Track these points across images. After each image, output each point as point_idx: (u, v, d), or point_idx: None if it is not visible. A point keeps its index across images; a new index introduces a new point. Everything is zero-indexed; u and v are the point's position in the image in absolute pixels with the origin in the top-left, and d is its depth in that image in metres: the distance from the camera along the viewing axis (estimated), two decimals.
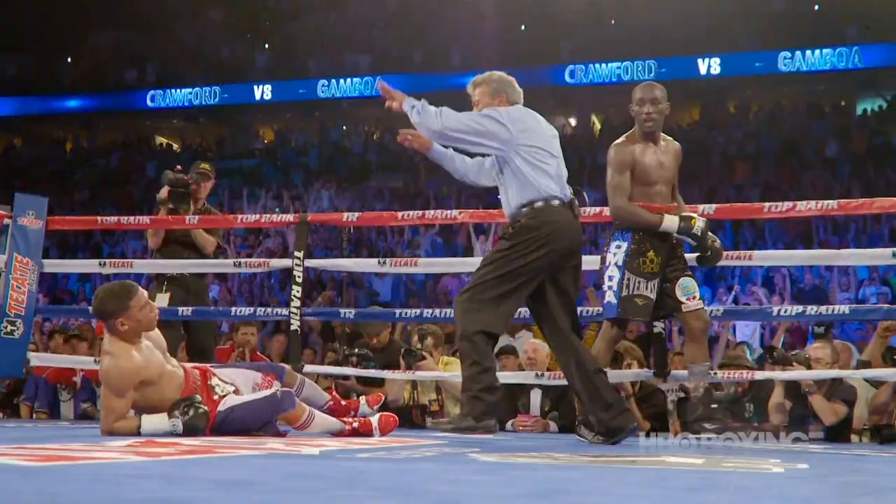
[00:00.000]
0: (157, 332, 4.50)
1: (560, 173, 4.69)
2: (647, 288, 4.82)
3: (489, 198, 18.45)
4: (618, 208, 4.92)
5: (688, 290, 4.87)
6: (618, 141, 5.05)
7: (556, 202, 4.57)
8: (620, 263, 4.85)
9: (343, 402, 4.75)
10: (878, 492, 2.47)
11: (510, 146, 4.57)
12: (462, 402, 4.61)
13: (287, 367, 4.63)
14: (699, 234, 4.78)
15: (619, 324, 4.99)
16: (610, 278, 4.88)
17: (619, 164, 4.92)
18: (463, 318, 4.57)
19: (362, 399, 4.75)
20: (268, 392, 4.35)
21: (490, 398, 4.48)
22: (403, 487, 2.18)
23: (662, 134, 5.13)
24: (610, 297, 4.85)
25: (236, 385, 4.43)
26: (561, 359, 4.79)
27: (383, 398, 4.85)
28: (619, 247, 4.90)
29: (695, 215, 4.89)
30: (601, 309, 5.40)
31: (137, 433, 4.04)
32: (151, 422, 4.09)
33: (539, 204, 4.55)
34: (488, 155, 4.79)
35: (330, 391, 5.18)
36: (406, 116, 4.67)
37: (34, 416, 7.71)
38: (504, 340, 8.29)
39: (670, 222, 4.77)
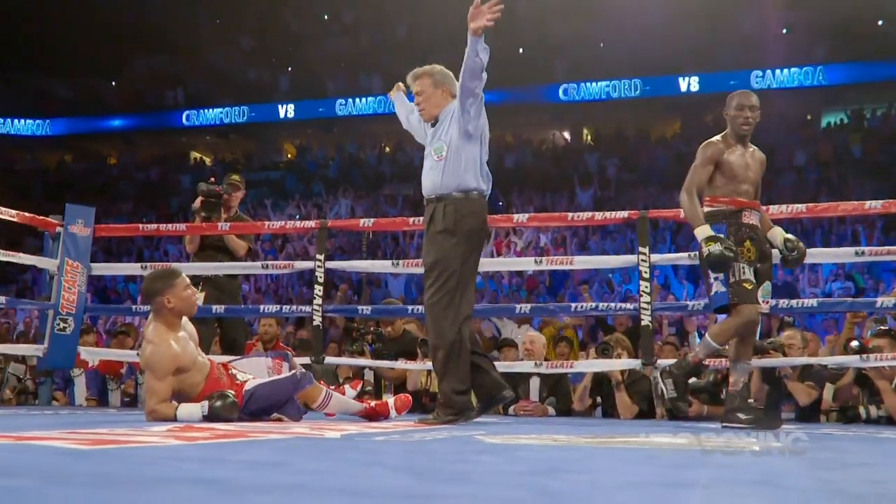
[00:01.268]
0: (191, 326, 4.55)
1: (487, 171, 4.67)
2: (750, 273, 4.56)
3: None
4: (683, 192, 4.75)
5: (766, 294, 4.76)
6: (710, 139, 4.92)
7: (475, 193, 4.55)
8: (714, 257, 4.51)
9: (373, 404, 4.70)
10: (846, 466, 2.46)
11: (477, 132, 4.58)
12: (447, 397, 4.45)
13: (312, 378, 4.54)
14: (706, 260, 4.49)
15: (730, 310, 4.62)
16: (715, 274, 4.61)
17: (704, 158, 4.80)
18: (437, 324, 4.45)
19: (390, 401, 4.67)
20: (289, 373, 4.43)
21: (467, 395, 4.47)
22: (416, 467, 2.17)
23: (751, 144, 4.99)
24: (718, 286, 4.59)
25: (253, 374, 4.48)
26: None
27: (411, 404, 4.78)
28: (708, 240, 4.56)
29: (718, 242, 4.45)
30: (700, 302, 5.69)
31: (174, 418, 4.08)
32: (187, 409, 4.12)
33: (475, 194, 4.54)
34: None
35: (355, 384, 5.15)
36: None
37: (86, 402, 7.74)
38: (506, 333, 8.31)
39: (701, 232, 4.54)
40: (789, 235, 4.79)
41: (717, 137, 4.90)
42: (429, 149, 4.68)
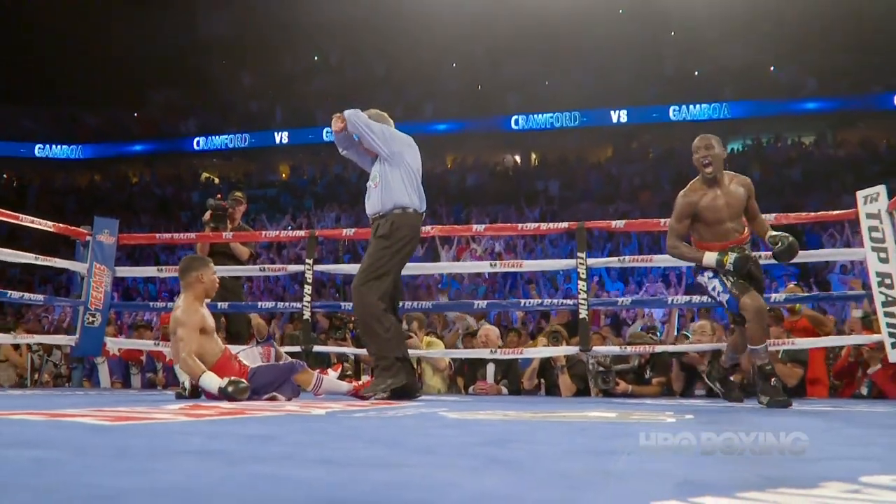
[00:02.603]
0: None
1: (421, 190, 4.72)
2: (737, 278, 4.32)
3: (450, 219, 18.47)
4: (668, 247, 4.54)
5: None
6: (683, 191, 4.52)
7: (411, 210, 4.63)
8: (713, 275, 4.40)
9: (360, 382, 4.74)
10: (748, 434, 2.48)
11: (393, 157, 4.64)
12: (381, 368, 4.50)
13: (304, 365, 4.62)
14: (731, 268, 4.27)
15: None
16: (713, 289, 4.41)
17: (677, 214, 4.45)
18: (363, 301, 4.50)
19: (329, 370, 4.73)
20: (287, 362, 4.54)
21: (400, 363, 4.49)
22: (389, 439, 2.17)
23: (731, 173, 4.56)
24: (723, 297, 4.36)
25: (251, 361, 4.56)
26: None
27: None
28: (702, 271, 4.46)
29: (729, 251, 4.32)
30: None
31: (198, 378, 4.22)
32: (210, 376, 4.21)
33: (410, 210, 4.62)
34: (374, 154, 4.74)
35: (336, 367, 5.18)
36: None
37: (112, 385, 7.67)
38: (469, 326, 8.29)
39: (709, 260, 4.32)
40: (773, 232, 4.45)
41: (688, 187, 4.51)
42: (369, 180, 4.78)
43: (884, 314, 5.26)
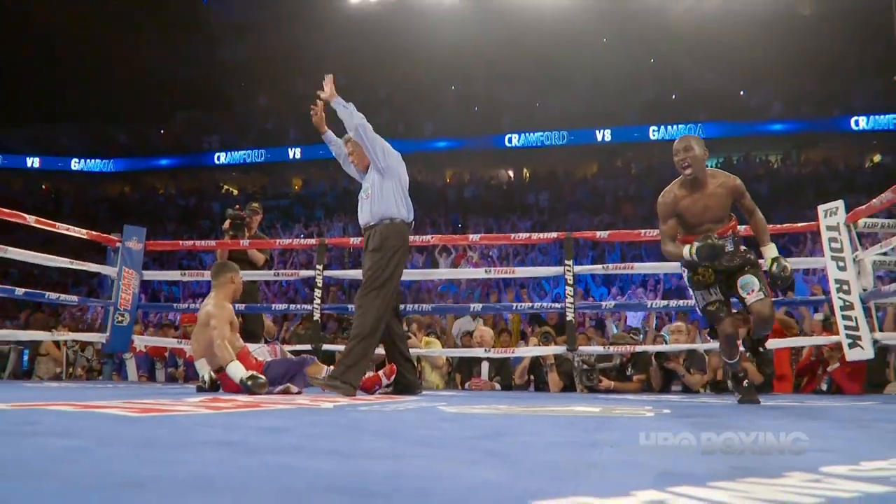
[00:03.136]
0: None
1: (408, 201, 4.60)
2: (711, 295, 4.07)
3: (448, 229, 18.48)
4: (663, 251, 4.13)
5: (746, 287, 3.95)
6: (663, 192, 4.17)
7: (399, 220, 4.50)
8: (688, 284, 4.19)
9: (370, 376, 4.69)
10: (719, 427, 2.48)
11: (388, 171, 4.51)
12: (340, 372, 4.25)
13: (315, 359, 4.67)
14: (696, 257, 3.86)
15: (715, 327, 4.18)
16: (694, 300, 4.22)
17: (661, 216, 4.11)
18: (361, 319, 4.30)
19: (382, 373, 4.63)
20: (299, 357, 4.74)
21: (359, 373, 4.28)
22: (391, 431, 2.16)
23: (718, 172, 4.16)
24: (699, 311, 4.20)
25: (263, 357, 4.69)
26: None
27: (396, 370, 4.70)
28: (684, 272, 4.22)
29: (695, 241, 3.90)
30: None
31: (227, 363, 4.35)
32: (237, 365, 4.32)
33: (398, 220, 4.49)
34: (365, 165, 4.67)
35: None
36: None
37: (139, 378, 7.67)
38: (469, 326, 8.28)
39: (686, 252, 3.91)
40: (779, 260, 3.99)
41: (669, 188, 4.14)
42: (361, 191, 4.67)
43: (842, 317, 5.27)
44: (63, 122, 27.94)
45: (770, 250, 4.03)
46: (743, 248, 4.13)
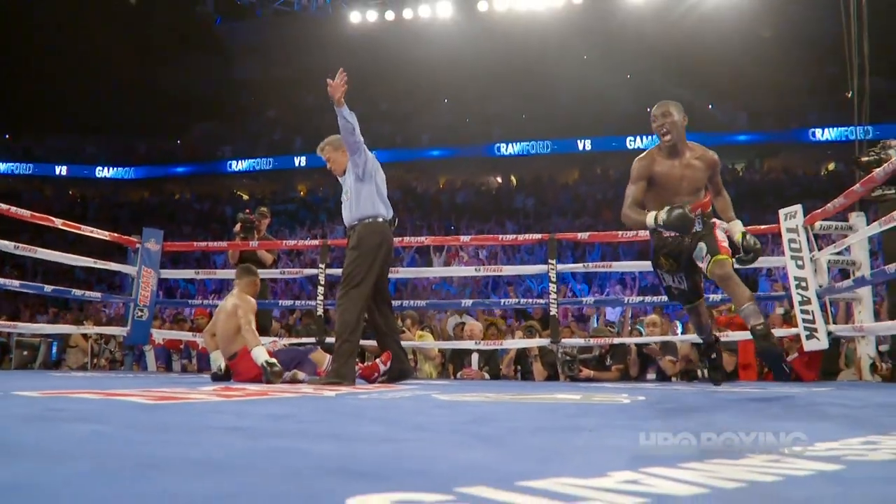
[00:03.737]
0: None
1: (387, 201, 4.46)
2: (674, 280, 3.76)
3: (441, 231, 18.47)
4: (621, 214, 3.52)
5: (699, 257, 3.47)
6: (640, 155, 3.63)
7: (380, 219, 4.38)
8: (653, 266, 3.84)
9: (368, 364, 4.67)
10: (688, 412, 2.48)
11: (366, 175, 4.36)
12: (335, 371, 4.14)
13: (318, 347, 4.76)
14: (663, 224, 3.32)
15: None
16: (663, 284, 3.86)
17: (633, 176, 3.55)
18: (343, 318, 4.17)
19: (379, 360, 4.57)
20: (303, 347, 4.92)
21: (352, 368, 4.19)
22: (389, 418, 2.16)
23: (696, 145, 3.67)
24: (665, 287, 3.84)
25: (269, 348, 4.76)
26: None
27: (391, 356, 4.62)
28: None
29: (662, 216, 3.31)
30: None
31: (253, 346, 4.46)
32: (262, 349, 4.45)
33: (379, 219, 4.36)
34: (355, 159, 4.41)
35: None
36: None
37: (157, 369, 7.65)
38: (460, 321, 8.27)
39: (651, 220, 3.37)
40: (747, 237, 3.63)
41: (647, 152, 3.62)
42: (342, 194, 4.55)
43: (800, 311, 5.30)
44: (89, 134, 27.86)
45: (737, 225, 3.69)
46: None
